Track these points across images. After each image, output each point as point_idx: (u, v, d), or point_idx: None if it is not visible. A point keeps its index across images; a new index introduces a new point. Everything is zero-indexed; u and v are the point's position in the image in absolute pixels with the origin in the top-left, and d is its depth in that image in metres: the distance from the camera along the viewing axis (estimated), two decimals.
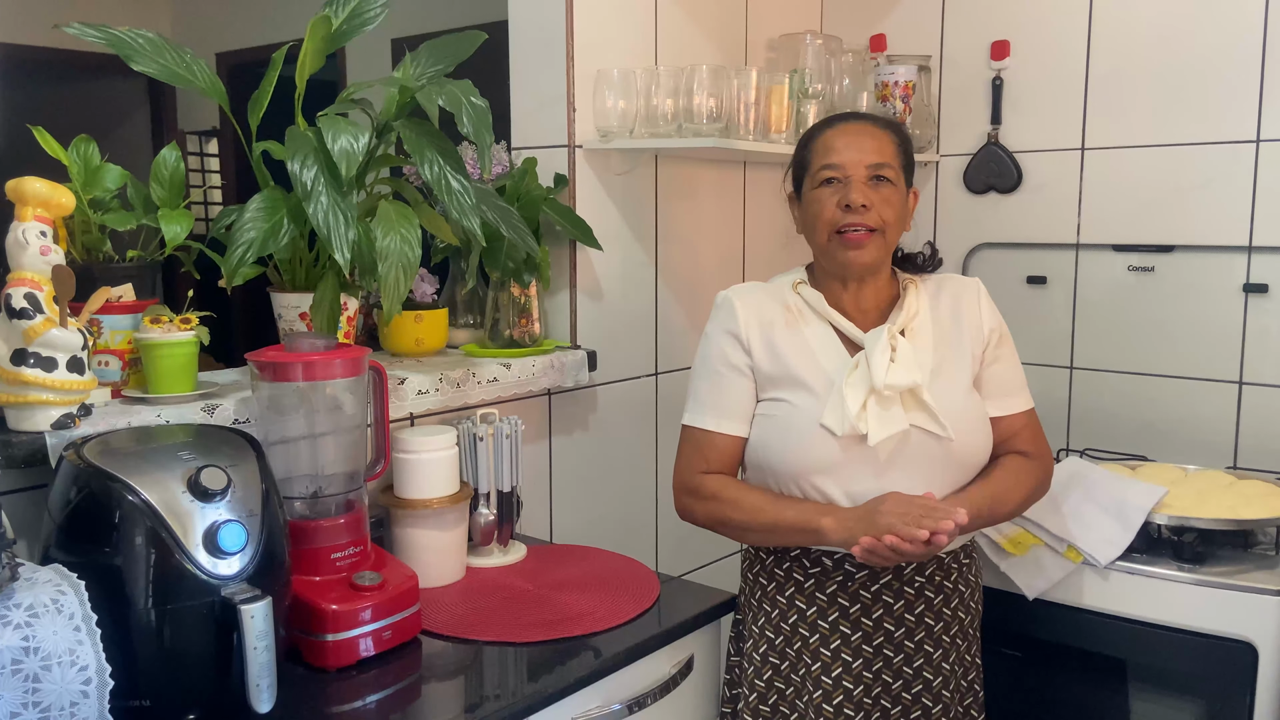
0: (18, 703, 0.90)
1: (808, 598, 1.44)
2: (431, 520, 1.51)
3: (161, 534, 1.06)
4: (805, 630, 1.44)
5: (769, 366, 1.44)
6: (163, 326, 1.33)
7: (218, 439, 1.19)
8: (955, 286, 1.51)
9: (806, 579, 1.44)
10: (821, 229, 1.43)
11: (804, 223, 1.48)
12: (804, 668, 1.43)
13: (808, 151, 1.47)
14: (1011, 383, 1.49)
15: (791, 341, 1.45)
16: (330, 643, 1.24)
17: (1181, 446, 2.04)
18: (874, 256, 1.42)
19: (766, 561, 1.49)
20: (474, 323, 1.87)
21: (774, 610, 1.46)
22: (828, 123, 1.49)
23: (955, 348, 1.45)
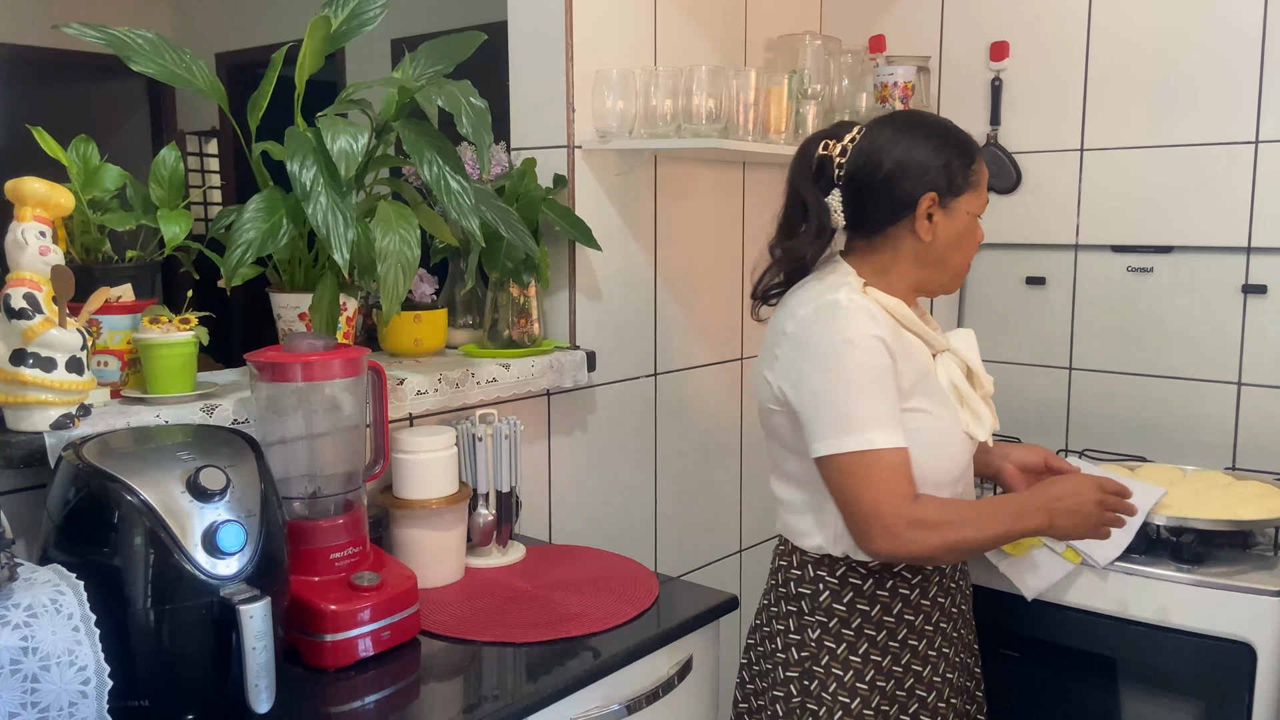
0: (16, 703, 0.90)
1: (914, 608, 1.42)
2: (430, 520, 1.51)
3: (160, 534, 1.06)
4: (915, 640, 1.42)
5: (906, 375, 1.35)
6: (162, 327, 1.33)
7: (217, 439, 1.19)
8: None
9: (912, 590, 1.42)
10: (965, 257, 1.43)
11: (946, 239, 1.39)
12: (913, 677, 1.42)
13: (974, 173, 1.40)
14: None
15: (908, 348, 1.38)
16: (329, 643, 1.24)
17: (1180, 447, 2.04)
18: None
19: (864, 587, 1.41)
20: (473, 323, 1.88)
21: (880, 633, 1.41)
22: (979, 147, 1.46)
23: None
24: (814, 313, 1.35)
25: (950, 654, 1.47)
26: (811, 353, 1.34)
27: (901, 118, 1.45)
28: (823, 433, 1.32)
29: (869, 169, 1.38)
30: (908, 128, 1.40)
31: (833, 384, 1.32)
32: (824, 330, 1.33)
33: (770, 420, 1.45)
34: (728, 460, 2.33)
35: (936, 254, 1.40)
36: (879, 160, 1.38)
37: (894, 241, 1.40)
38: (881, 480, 1.29)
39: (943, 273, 1.42)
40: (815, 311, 1.35)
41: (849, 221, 1.42)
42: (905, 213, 1.38)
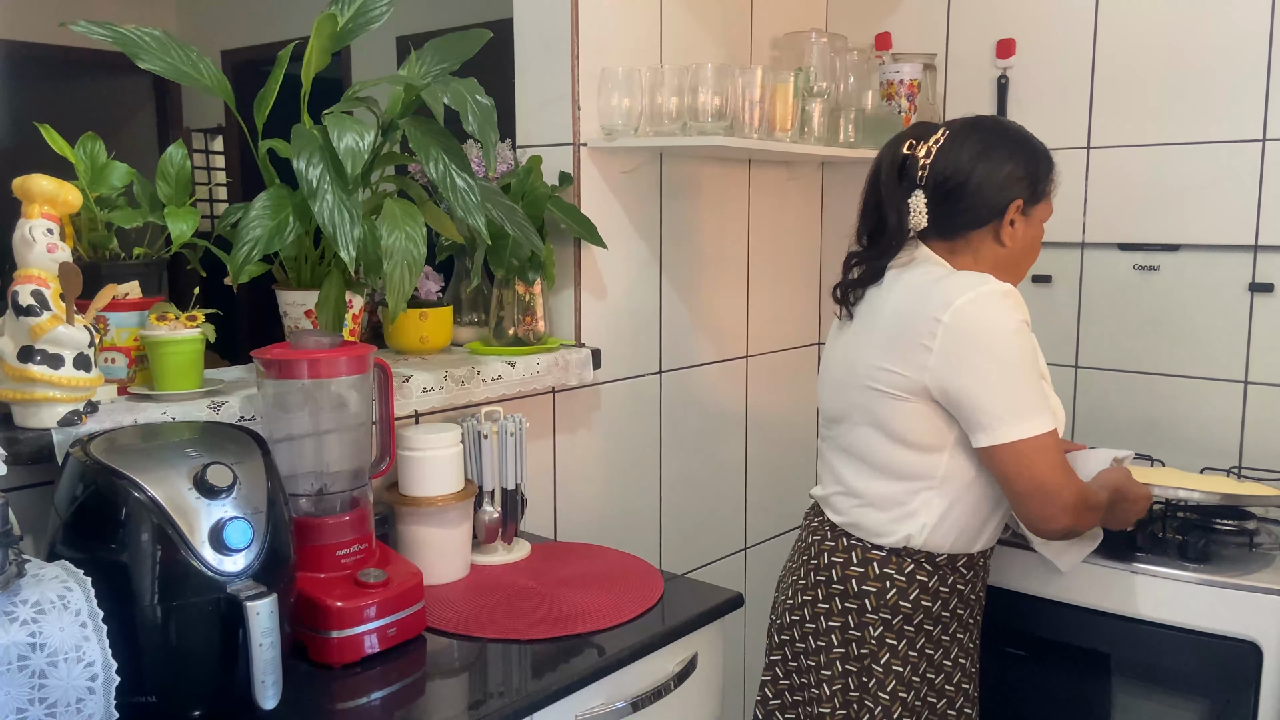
0: (24, 699, 0.90)
1: (965, 601, 1.50)
2: (436, 518, 1.51)
3: (168, 531, 1.06)
4: (961, 633, 1.50)
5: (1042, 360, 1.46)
6: (169, 324, 1.33)
7: (223, 436, 1.19)
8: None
9: (966, 584, 1.49)
10: (1035, 257, 1.51)
11: (1024, 245, 1.46)
12: (960, 671, 1.51)
13: (1053, 184, 1.49)
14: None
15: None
16: (335, 639, 1.24)
17: (1187, 445, 2.03)
18: None
19: (929, 583, 1.46)
20: (478, 321, 1.88)
21: (936, 626, 1.48)
22: (1053, 160, 1.51)
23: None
24: (973, 302, 1.35)
25: (977, 645, 1.55)
26: (980, 342, 1.35)
27: (989, 125, 1.48)
28: (1002, 418, 1.34)
29: (959, 175, 1.42)
30: (996, 135, 1.45)
31: (1008, 371, 1.35)
32: (991, 319, 1.35)
33: (883, 410, 1.42)
34: (733, 457, 2.33)
35: (1014, 258, 1.46)
36: (970, 167, 1.42)
37: (975, 245, 1.45)
38: (1058, 462, 1.36)
39: (1013, 275, 1.46)
40: (974, 301, 1.35)
41: (931, 222, 1.45)
42: (993, 219, 1.43)
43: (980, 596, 1.55)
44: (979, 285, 1.37)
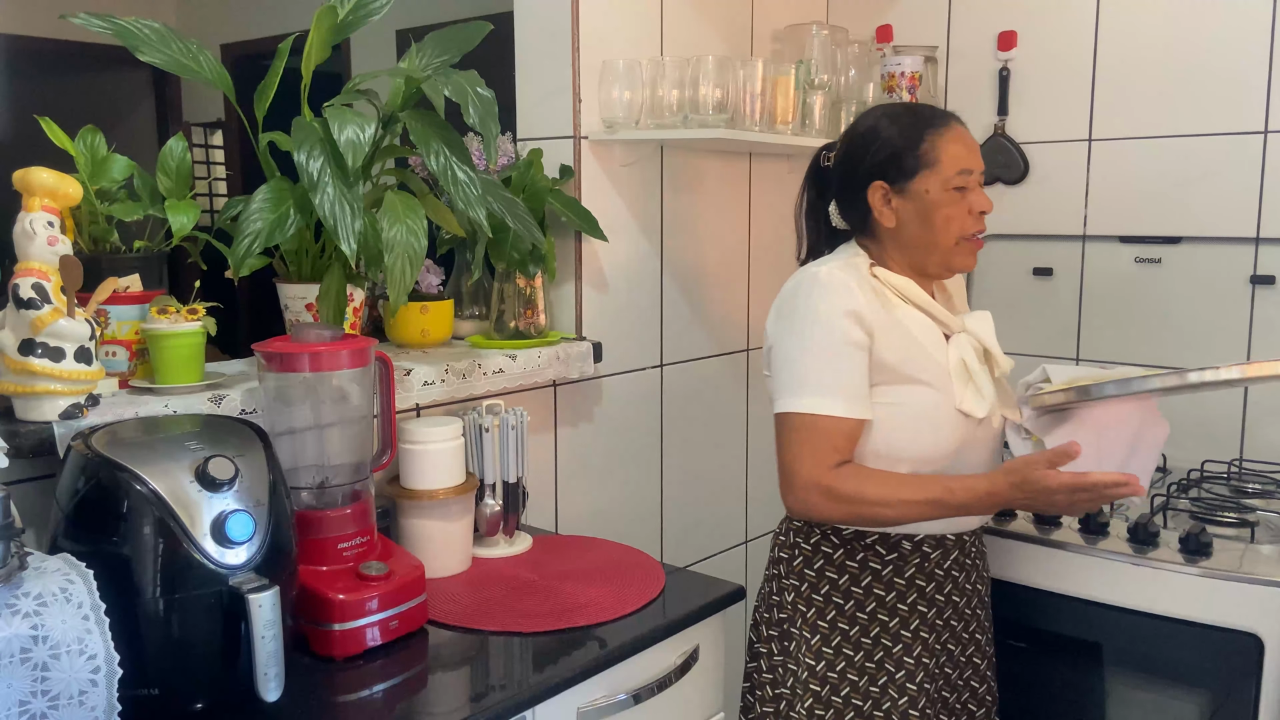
0: (27, 691, 0.91)
1: (886, 584, 1.46)
2: (437, 511, 1.52)
3: (169, 523, 1.06)
4: (885, 615, 1.47)
5: (887, 351, 1.40)
6: (169, 317, 1.33)
7: (225, 429, 1.19)
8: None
9: (884, 566, 1.46)
10: (952, 233, 1.43)
11: (916, 221, 1.43)
12: (882, 651, 1.46)
13: (929, 147, 1.42)
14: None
15: (898, 326, 1.43)
16: (337, 632, 1.24)
17: (1187, 439, 2.03)
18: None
19: (834, 556, 1.48)
20: (479, 314, 1.88)
21: (848, 602, 1.47)
22: (943, 118, 1.45)
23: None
24: (795, 285, 1.45)
25: (931, 639, 1.48)
26: (786, 321, 1.44)
27: (860, 118, 1.52)
28: (779, 392, 1.43)
29: (837, 174, 1.51)
30: (856, 128, 1.50)
31: (797, 349, 1.41)
32: (801, 301, 1.42)
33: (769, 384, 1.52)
34: (734, 450, 2.33)
35: (910, 237, 1.45)
36: (841, 166, 1.50)
37: (875, 231, 1.48)
38: (809, 444, 1.38)
39: (928, 253, 1.45)
40: (797, 284, 1.45)
41: (849, 223, 1.53)
42: (865, 208, 1.46)
43: (923, 586, 1.47)
44: (813, 269, 1.45)
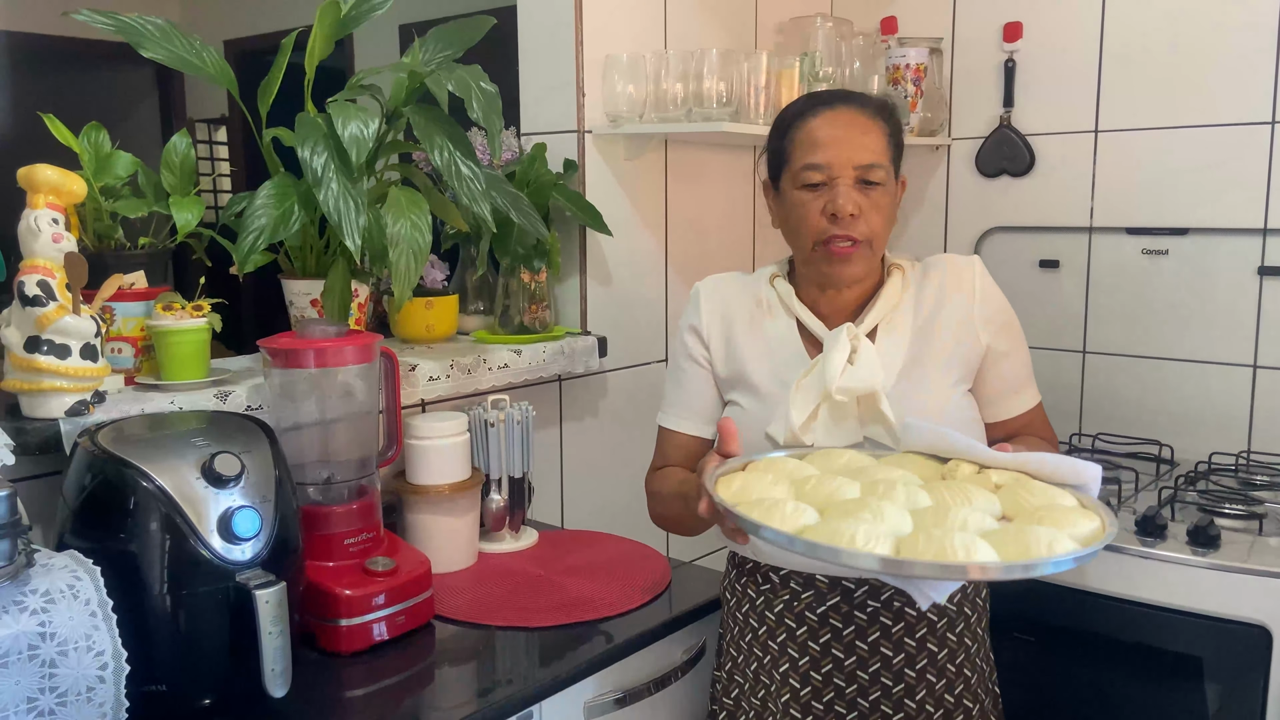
0: (35, 688, 0.91)
1: (759, 615, 1.32)
2: (443, 506, 1.52)
3: (176, 520, 1.06)
4: (760, 651, 1.32)
5: (722, 366, 1.35)
6: (175, 314, 1.33)
7: (231, 425, 1.19)
8: (947, 269, 1.33)
9: (759, 595, 1.32)
10: (805, 237, 1.27)
11: (783, 222, 1.32)
12: (762, 689, 1.32)
13: (786, 141, 1.29)
14: (1017, 378, 1.34)
15: (751, 339, 1.34)
16: (344, 628, 1.24)
17: (1195, 430, 2.03)
18: (861, 269, 1.27)
19: (731, 577, 1.38)
20: (484, 309, 1.87)
21: (732, 628, 1.36)
22: (809, 107, 1.29)
23: (935, 343, 1.29)
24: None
25: (803, 691, 1.27)
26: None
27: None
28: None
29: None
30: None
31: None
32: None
33: None
34: None
35: (787, 239, 1.33)
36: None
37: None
38: (655, 452, 1.44)
39: (798, 257, 1.32)
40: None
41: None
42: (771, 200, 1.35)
43: (790, 627, 1.28)
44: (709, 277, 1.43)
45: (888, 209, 1.28)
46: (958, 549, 0.94)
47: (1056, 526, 1.00)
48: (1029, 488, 1.10)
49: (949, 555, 0.93)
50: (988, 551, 0.95)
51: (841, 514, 1.02)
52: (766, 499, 1.06)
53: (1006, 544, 0.97)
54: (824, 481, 1.10)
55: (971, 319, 1.30)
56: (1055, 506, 1.07)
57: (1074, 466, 1.12)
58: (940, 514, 1.03)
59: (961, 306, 1.31)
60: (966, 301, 1.31)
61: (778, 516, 1.02)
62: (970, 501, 1.07)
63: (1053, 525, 1.01)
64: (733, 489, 1.10)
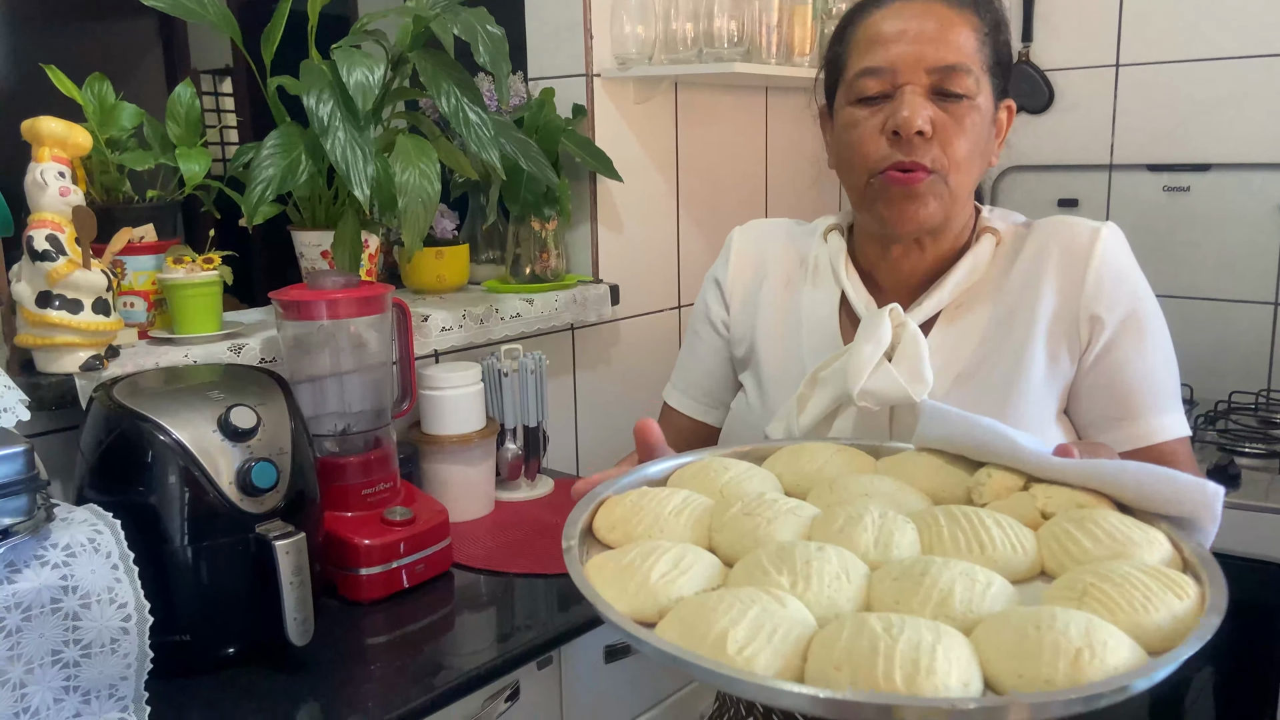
0: (59, 640, 0.92)
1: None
2: (459, 455, 1.52)
3: (195, 473, 1.07)
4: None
5: (740, 333, 1.09)
6: (186, 267, 1.32)
7: (246, 378, 1.19)
8: (1053, 237, 0.96)
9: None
10: (858, 167, 0.95)
11: (835, 154, 1.01)
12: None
13: (844, 46, 0.99)
14: (1136, 398, 0.94)
15: (779, 308, 1.06)
16: (364, 577, 1.25)
17: (1215, 370, 2.01)
18: (934, 213, 0.94)
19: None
20: (495, 258, 1.86)
21: None
22: (846, 22, 1.00)
23: (1017, 337, 0.95)
24: None
25: None
26: None
27: None
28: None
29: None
30: None
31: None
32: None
33: None
34: None
35: (843, 180, 1.01)
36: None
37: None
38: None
39: (857, 206, 1.00)
40: None
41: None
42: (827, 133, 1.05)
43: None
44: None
45: (976, 134, 0.93)
46: (899, 663, 0.55)
47: (1112, 606, 0.61)
48: (1094, 524, 0.71)
49: (877, 676, 0.55)
50: (958, 662, 0.57)
51: (745, 576, 0.68)
52: (644, 545, 0.72)
53: (1002, 642, 0.58)
54: (757, 508, 0.76)
55: (1077, 308, 0.93)
56: (1126, 561, 0.67)
57: (1175, 484, 0.73)
58: (914, 575, 0.65)
59: (1067, 289, 0.94)
60: (1076, 282, 0.94)
61: (630, 585, 0.68)
62: (982, 547, 0.70)
63: (1105, 604, 0.61)
64: (614, 515, 0.80)
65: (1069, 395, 0.96)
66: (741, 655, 0.59)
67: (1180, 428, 0.95)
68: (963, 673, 0.57)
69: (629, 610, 0.67)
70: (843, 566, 0.68)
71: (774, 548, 0.71)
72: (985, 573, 0.66)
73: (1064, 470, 0.76)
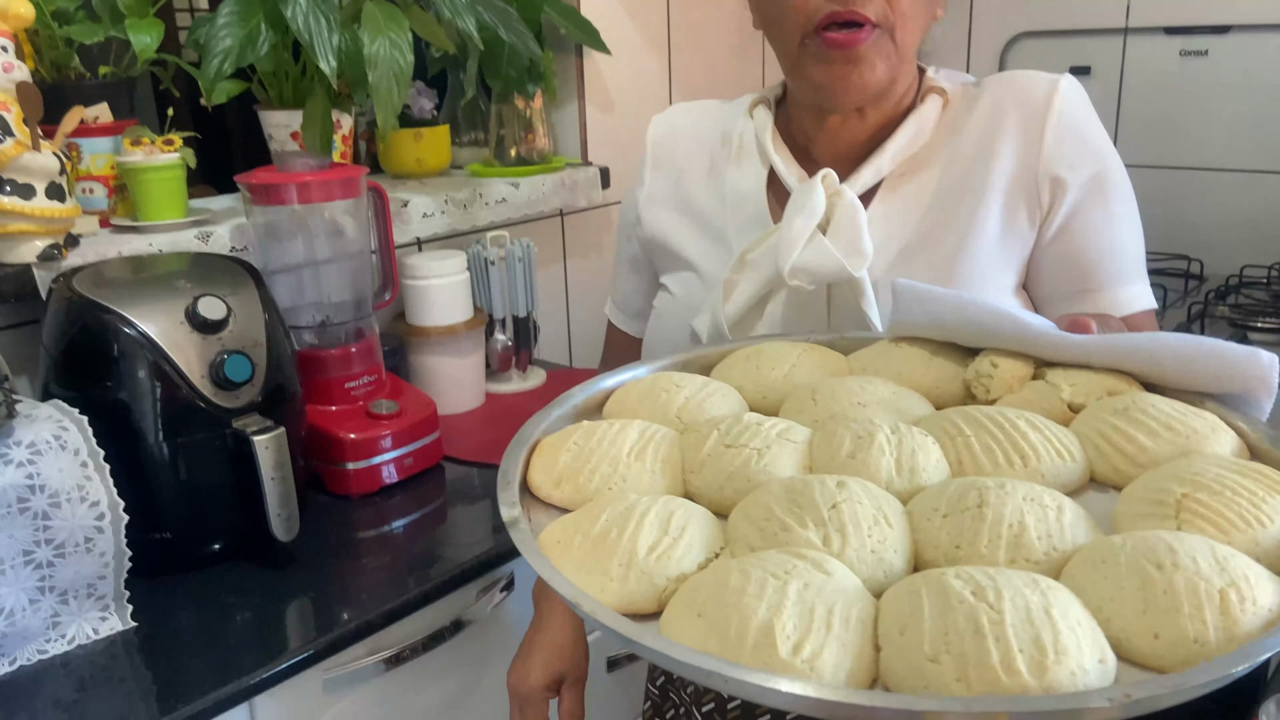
0: (30, 540, 0.88)
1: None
2: (447, 347, 1.46)
3: (165, 367, 1.01)
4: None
5: (657, 233, 0.98)
6: (144, 149, 1.24)
7: (214, 267, 1.13)
8: (1007, 94, 0.87)
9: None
10: (790, 27, 0.84)
11: (762, 12, 0.90)
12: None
13: None
14: (1102, 268, 0.86)
15: (704, 196, 0.96)
16: (351, 471, 1.22)
17: (1226, 244, 1.95)
18: (877, 74, 0.83)
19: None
20: (478, 140, 1.77)
21: None
22: None
23: (968, 205, 0.85)
24: None
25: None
26: None
27: None
28: None
29: None
30: None
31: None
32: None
33: None
34: None
35: (773, 45, 0.90)
36: None
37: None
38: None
39: (789, 72, 0.89)
40: None
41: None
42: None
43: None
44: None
45: None
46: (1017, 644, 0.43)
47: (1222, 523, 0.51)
48: (1144, 414, 0.60)
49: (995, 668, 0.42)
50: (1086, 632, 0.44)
51: (754, 533, 0.54)
52: (612, 504, 0.56)
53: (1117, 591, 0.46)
54: (740, 436, 0.61)
55: (1036, 168, 0.84)
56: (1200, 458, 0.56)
57: (1223, 356, 0.63)
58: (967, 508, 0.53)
59: (1024, 148, 0.84)
60: (1034, 139, 0.84)
61: (613, 566, 0.53)
62: (1024, 459, 0.59)
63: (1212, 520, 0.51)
64: (557, 465, 0.64)
65: (1028, 268, 0.87)
66: (800, 658, 0.44)
67: (1148, 298, 0.88)
68: (1094, 645, 0.44)
69: (620, 603, 0.52)
70: (876, 506, 0.54)
71: (779, 489, 0.56)
72: (1051, 493, 0.54)
73: (1086, 350, 0.66)
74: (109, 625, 0.95)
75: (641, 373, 0.77)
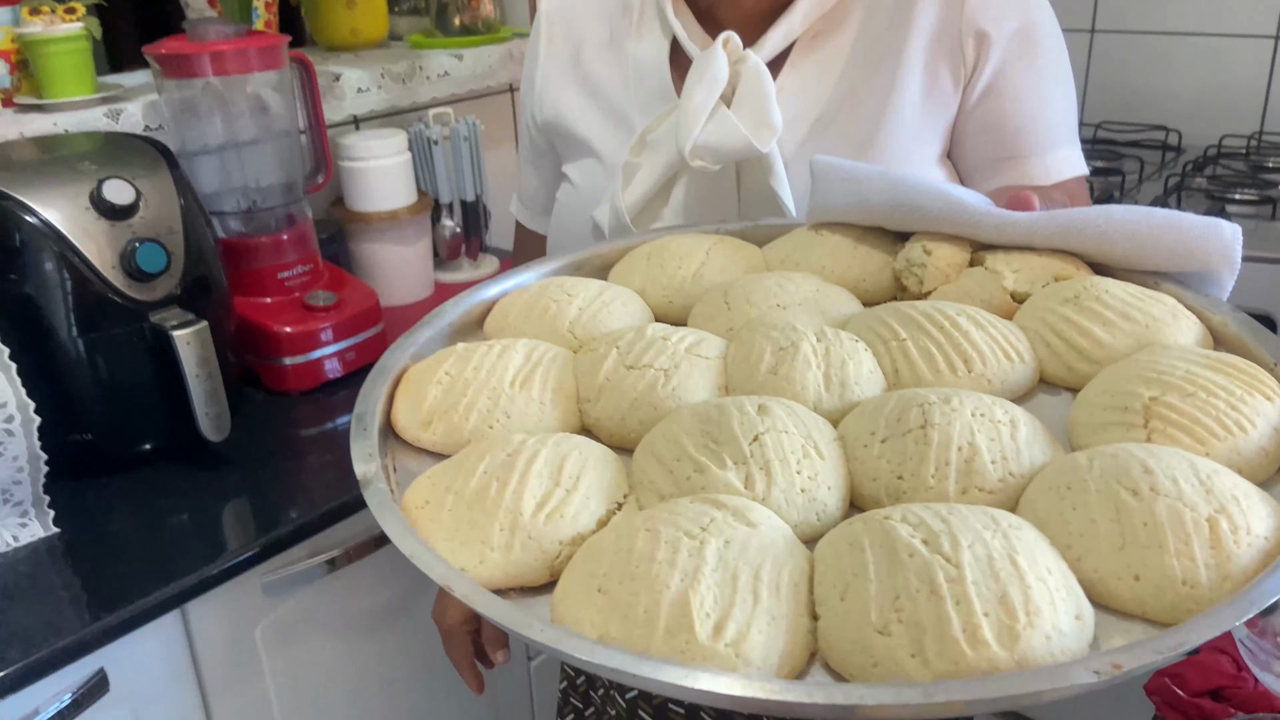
0: None
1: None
2: (389, 234, 1.39)
3: (71, 258, 0.93)
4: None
5: (554, 112, 0.88)
6: (44, 18, 1.13)
7: (124, 147, 1.03)
8: None
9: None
10: None
11: None
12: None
13: None
14: (1030, 132, 0.79)
15: (603, 71, 0.86)
16: (289, 366, 1.15)
17: (1204, 113, 1.88)
18: None
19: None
20: (418, 7, 1.65)
21: None
22: None
23: (887, 67, 0.77)
24: None
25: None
26: None
27: None
28: None
29: None
30: None
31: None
32: None
33: None
34: None
35: None
36: None
37: None
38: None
39: None
40: None
41: None
42: None
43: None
44: None
45: None
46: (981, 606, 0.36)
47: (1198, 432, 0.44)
48: (1098, 302, 0.53)
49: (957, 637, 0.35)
50: (1056, 581, 0.38)
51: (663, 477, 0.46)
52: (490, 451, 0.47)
53: (1087, 525, 0.40)
54: (643, 354, 0.53)
55: (959, 22, 0.77)
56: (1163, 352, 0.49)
57: (1180, 230, 0.57)
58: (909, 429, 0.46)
59: (948, 2, 0.77)
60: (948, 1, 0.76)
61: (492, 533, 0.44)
62: (968, 363, 0.52)
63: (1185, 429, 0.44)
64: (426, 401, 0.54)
65: (952, 135, 0.79)
66: (723, 641, 0.37)
67: (1079, 163, 0.80)
68: (1069, 597, 0.37)
69: (504, 577, 0.43)
70: (805, 434, 0.46)
71: (691, 419, 0.47)
72: (1003, 404, 0.46)
73: (1030, 230, 0.59)
74: (29, 531, 0.90)
75: (528, 278, 0.67)
